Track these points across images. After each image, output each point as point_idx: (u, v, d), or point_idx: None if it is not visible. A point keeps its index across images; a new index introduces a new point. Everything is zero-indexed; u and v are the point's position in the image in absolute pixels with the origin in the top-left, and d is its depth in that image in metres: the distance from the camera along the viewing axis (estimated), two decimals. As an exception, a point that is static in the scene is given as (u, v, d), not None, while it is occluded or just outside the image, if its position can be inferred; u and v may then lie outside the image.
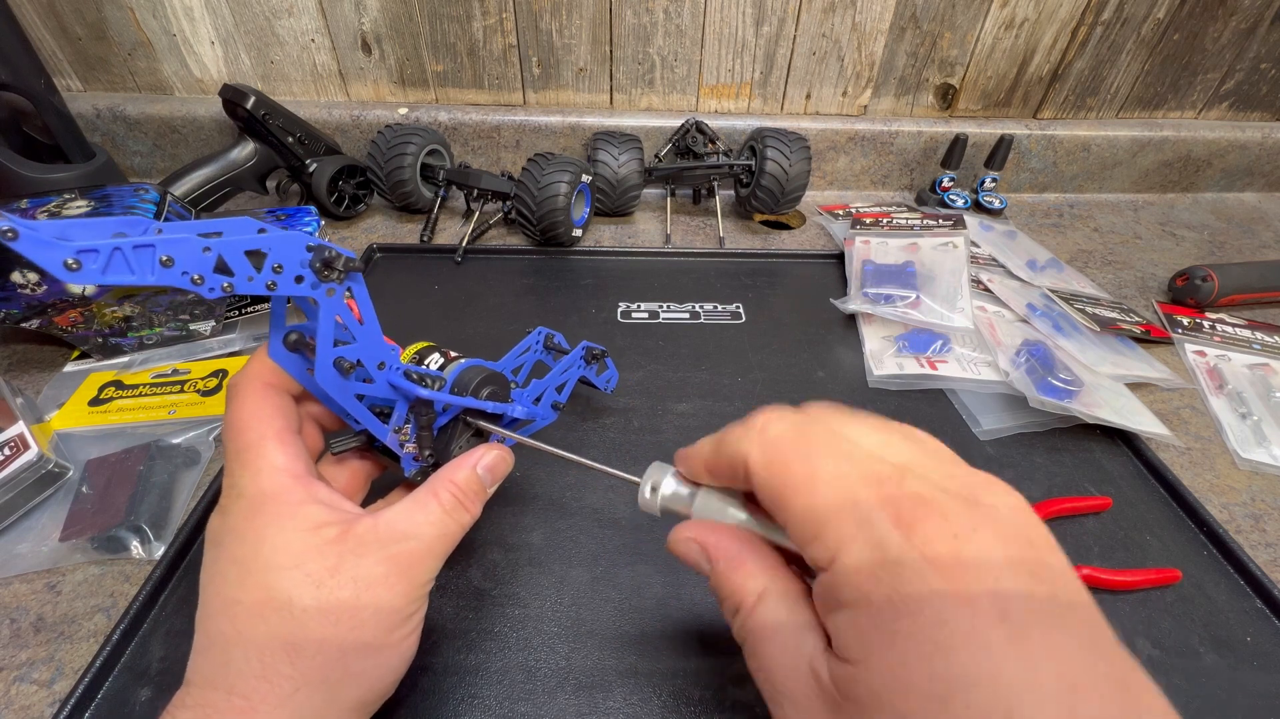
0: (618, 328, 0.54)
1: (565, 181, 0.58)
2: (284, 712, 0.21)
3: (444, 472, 0.27)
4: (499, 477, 0.29)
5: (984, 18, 0.71)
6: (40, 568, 0.34)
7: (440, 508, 0.25)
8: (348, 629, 0.22)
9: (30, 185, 0.56)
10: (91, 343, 0.47)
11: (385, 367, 0.26)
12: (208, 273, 0.20)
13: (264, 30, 0.67)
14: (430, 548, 0.25)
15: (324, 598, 0.22)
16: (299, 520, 0.23)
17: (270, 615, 0.21)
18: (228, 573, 0.22)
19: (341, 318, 0.24)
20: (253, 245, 0.21)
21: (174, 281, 0.19)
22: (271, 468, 0.24)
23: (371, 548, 0.23)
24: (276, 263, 0.21)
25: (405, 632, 0.24)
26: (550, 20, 0.68)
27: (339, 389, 0.25)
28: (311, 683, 0.21)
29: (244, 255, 0.21)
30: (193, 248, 0.19)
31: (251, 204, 0.68)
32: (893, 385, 0.49)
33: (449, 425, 0.30)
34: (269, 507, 0.23)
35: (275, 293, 0.22)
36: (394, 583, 0.23)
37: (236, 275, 0.20)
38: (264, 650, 0.21)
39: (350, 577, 0.22)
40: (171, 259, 0.19)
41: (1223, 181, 0.85)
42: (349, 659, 0.22)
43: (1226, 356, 0.55)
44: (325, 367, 0.24)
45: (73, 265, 0.17)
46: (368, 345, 0.25)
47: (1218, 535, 0.39)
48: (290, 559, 0.22)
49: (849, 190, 0.81)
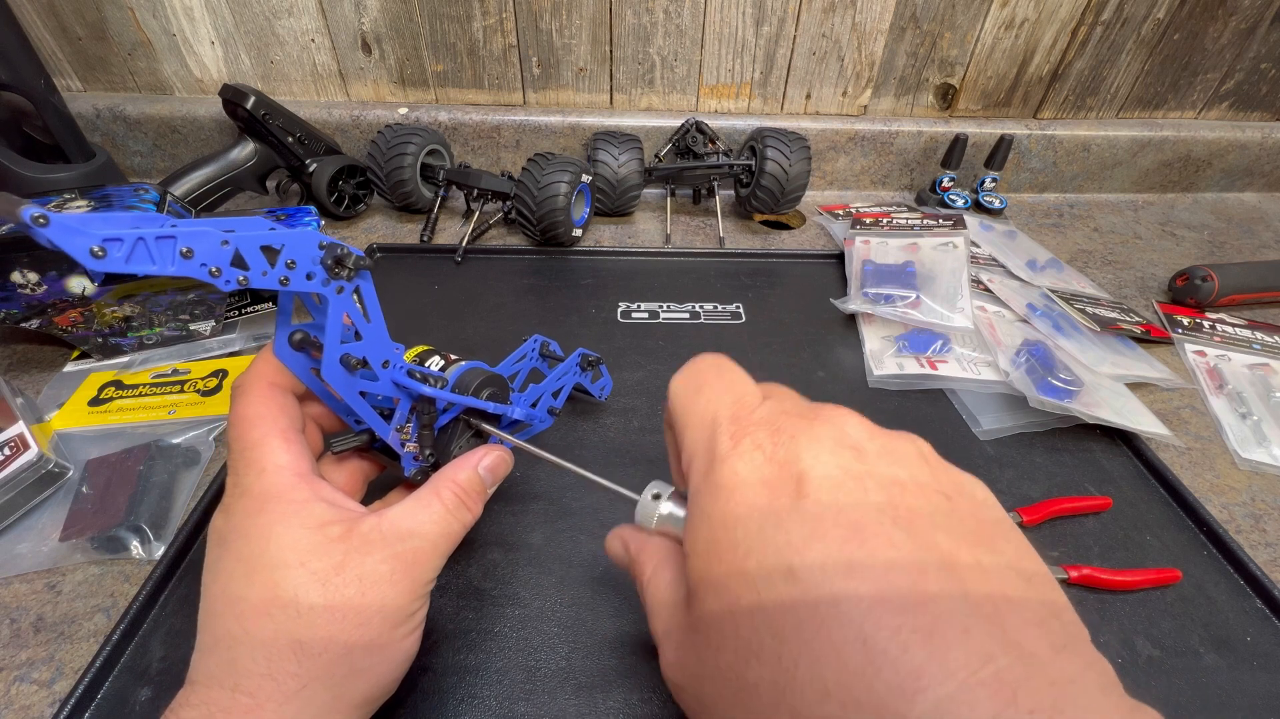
0: (618, 328, 0.54)
1: (565, 181, 0.58)
2: (289, 709, 0.21)
3: (446, 471, 0.27)
4: (499, 477, 0.29)
5: (984, 18, 0.71)
6: (40, 568, 0.34)
7: (443, 507, 0.26)
8: (353, 627, 0.22)
9: (30, 185, 0.57)
10: (91, 343, 0.47)
11: (390, 365, 0.27)
12: (225, 265, 0.20)
13: (264, 30, 0.67)
14: (434, 546, 0.25)
15: (330, 596, 0.22)
16: (304, 518, 0.23)
17: (276, 613, 0.21)
18: (233, 571, 0.22)
19: (349, 316, 0.24)
20: (268, 241, 0.21)
21: (193, 273, 0.20)
22: (276, 466, 0.24)
23: (376, 546, 0.23)
24: (290, 259, 0.22)
25: (408, 629, 0.24)
26: (550, 20, 0.68)
27: (345, 386, 0.25)
28: (317, 680, 0.21)
29: (259, 250, 0.21)
30: (212, 241, 0.20)
31: (251, 204, 0.68)
32: (893, 385, 0.49)
33: (450, 426, 0.30)
34: (273, 504, 0.23)
35: (287, 288, 0.22)
36: (398, 581, 0.23)
37: (252, 269, 0.21)
38: (270, 648, 0.21)
39: (355, 574, 0.23)
40: (191, 251, 0.19)
41: (1223, 181, 0.85)
42: (354, 657, 0.22)
43: (1226, 356, 0.55)
44: (332, 363, 0.24)
45: (99, 253, 0.17)
46: (374, 343, 0.26)
47: (1218, 535, 0.39)
48: (296, 557, 0.22)
49: (849, 190, 0.81)
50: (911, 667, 0.14)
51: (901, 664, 0.14)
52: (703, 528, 0.18)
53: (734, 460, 0.18)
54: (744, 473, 0.18)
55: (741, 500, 0.17)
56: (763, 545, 0.16)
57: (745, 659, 0.16)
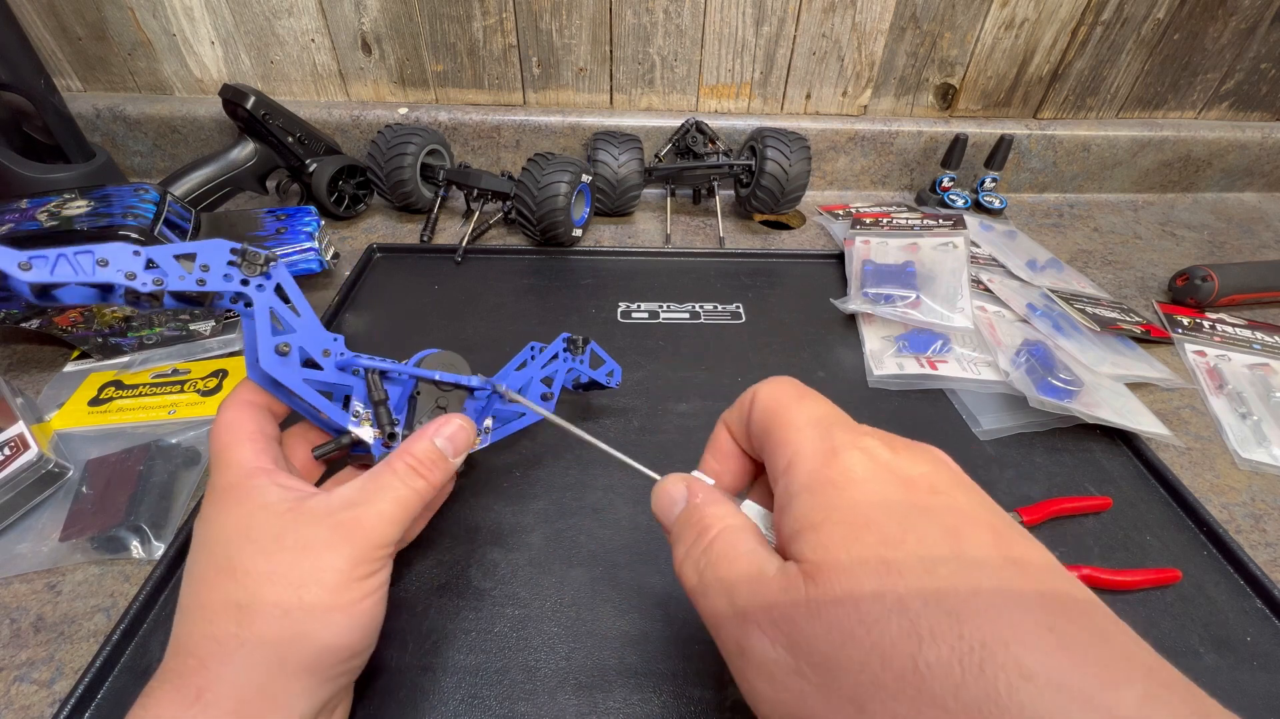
0: (618, 328, 0.54)
1: (565, 181, 0.58)
2: (229, 669, 0.22)
3: (403, 444, 0.29)
4: (460, 446, 0.30)
5: (984, 18, 0.71)
6: (40, 568, 0.34)
7: (393, 475, 0.27)
8: (290, 589, 0.23)
9: (30, 185, 0.57)
10: (91, 343, 0.47)
11: (330, 354, 0.29)
12: (140, 270, 0.24)
13: (264, 30, 0.67)
14: (379, 513, 0.26)
15: (269, 563, 0.24)
16: (255, 500, 0.25)
17: (221, 581, 0.24)
18: (194, 554, 0.25)
19: (276, 312, 0.28)
20: (181, 250, 0.25)
21: (110, 278, 0.23)
22: (238, 463, 0.26)
23: (320, 517, 0.25)
24: (204, 263, 0.26)
25: (355, 596, 0.25)
26: (550, 20, 0.68)
27: (285, 374, 0.28)
28: (257, 641, 0.23)
29: (173, 258, 0.25)
30: (125, 251, 0.24)
31: (251, 204, 0.68)
32: (893, 385, 0.49)
33: (411, 403, 0.31)
34: (231, 493, 0.25)
35: (206, 288, 0.26)
36: (338, 545, 0.25)
37: (169, 275, 0.25)
38: (215, 613, 0.23)
39: (294, 542, 0.24)
40: (107, 260, 0.23)
41: (1223, 181, 0.85)
42: (294, 619, 0.23)
43: (1226, 356, 0.55)
44: (268, 353, 0.27)
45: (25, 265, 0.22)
46: (307, 334, 0.29)
47: (1218, 535, 0.39)
48: (241, 532, 0.24)
49: (849, 190, 0.81)
50: (1101, 658, 0.15)
51: (1090, 655, 0.15)
52: (830, 513, 0.18)
53: (856, 455, 0.19)
54: (868, 469, 0.19)
55: (875, 492, 0.18)
56: (912, 534, 0.17)
57: (912, 640, 0.16)
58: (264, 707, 0.22)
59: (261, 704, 0.22)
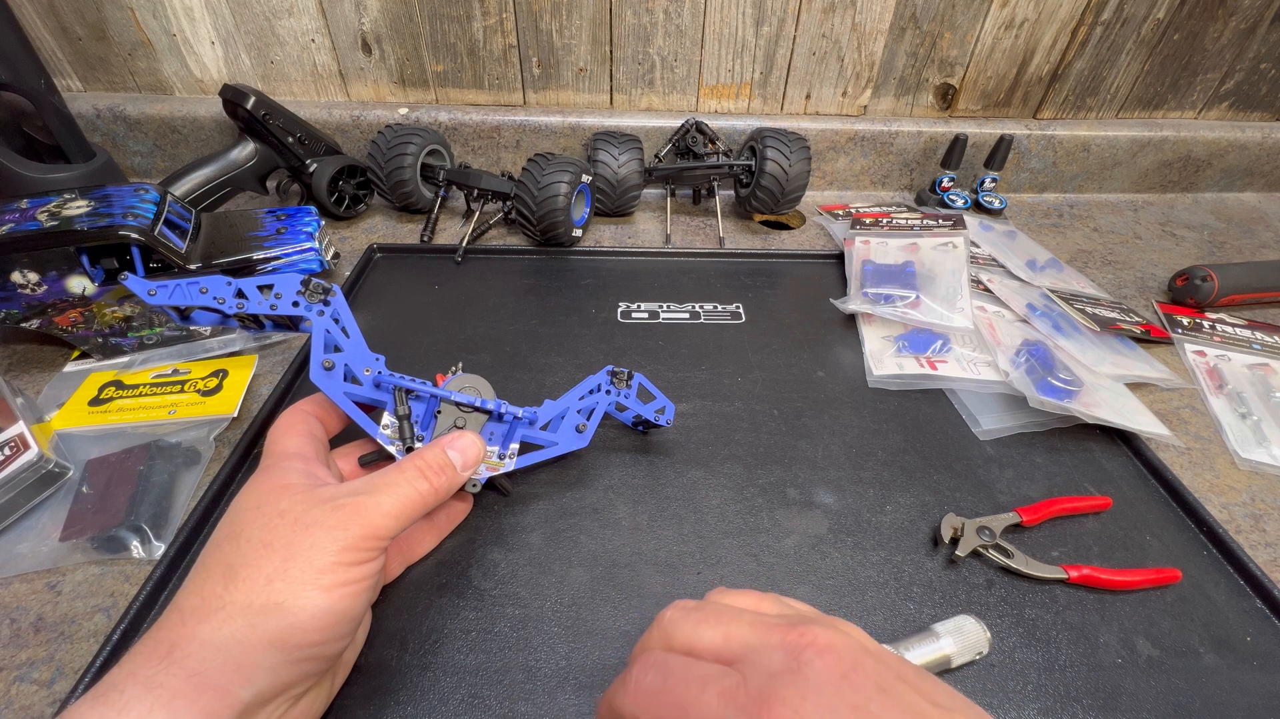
0: (618, 328, 0.54)
1: (565, 182, 0.58)
2: (205, 627, 0.23)
3: (417, 450, 0.31)
4: (470, 460, 0.32)
5: (984, 18, 0.71)
6: (40, 568, 0.34)
7: (400, 474, 0.29)
8: (279, 560, 0.24)
9: (30, 185, 0.57)
10: (91, 343, 0.47)
11: (371, 371, 0.34)
12: (230, 296, 0.32)
13: (264, 30, 0.67)
14: (378, 504, 0.27)
15: (267, 534, 0.25)
16: (277, 479, 0.27)
17: (226, 546, 0.25)
18: (219, 524, 0.27)
19: (331, 332, 0.33)
20: (262, 281, 0.33)
21: (208, 302, 0.31)
22: (280, 450, 0.29)
23: (324, 499, 0.27)
24: (278, 292, 0.32)
25: (338, 579, 0.25)
26: (550, 20, 0.68)
27: (329, 386, 0.32)
28: (236, 605, 0.24)
29: (256, 288, 0.32)
30: (220, 282, 0.32)
31: (252, 204, 0.68)
32: (892, 385, 0.49)
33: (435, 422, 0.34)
34: (264, 472, 0.28)
35: (276, 312, 0.32)
36: (332, 527, 0.26)
37: (250, 299, 0.32)
38: (210, 572, 0.25)
39: (293, 519, 0.26)
40: (206, 289, 0.31)
41: (1223, 181, 0.86)
42: (274, 588, 0.24)
43: (1226, 356, 0.55)
44: (316, 367, 0.32)
45: (153, 292, 0.31)
46: (354, 354, 0.33)
47: (1218, 535, 0.39)
48: (254, 504, 0.26)
49: (849, 190, 0.81)
50: None
51: None
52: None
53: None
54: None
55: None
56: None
57: None
58: (225, 671, 0.22)
59: (223, 667, 0.22)
